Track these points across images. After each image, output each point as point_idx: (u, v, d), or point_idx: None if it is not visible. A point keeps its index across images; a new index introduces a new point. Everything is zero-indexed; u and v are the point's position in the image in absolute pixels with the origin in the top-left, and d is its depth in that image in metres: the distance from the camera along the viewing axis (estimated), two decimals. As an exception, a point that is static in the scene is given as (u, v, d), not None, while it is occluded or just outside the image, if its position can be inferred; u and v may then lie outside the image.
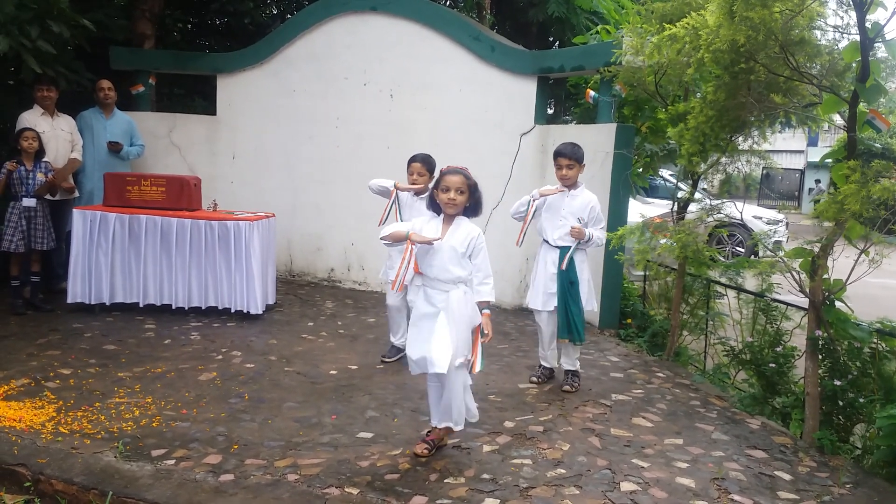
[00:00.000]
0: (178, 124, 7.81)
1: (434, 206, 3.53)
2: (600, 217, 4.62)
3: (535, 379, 4.70)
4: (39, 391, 4.12)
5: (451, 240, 3.41)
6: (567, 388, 4.55)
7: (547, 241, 4.61)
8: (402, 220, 4.87)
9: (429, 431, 3.59)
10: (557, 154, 4.55)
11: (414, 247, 3.44)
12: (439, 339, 3.33)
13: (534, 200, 4.55)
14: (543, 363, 4.75)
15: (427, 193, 4.85)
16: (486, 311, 3.45)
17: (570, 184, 4.55)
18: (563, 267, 4.47)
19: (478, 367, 3.44)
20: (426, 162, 4.84)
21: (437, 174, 4.81)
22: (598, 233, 4.58)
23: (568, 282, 4.49)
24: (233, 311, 5.90)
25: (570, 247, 4.51)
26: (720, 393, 4.70)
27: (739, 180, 6.10)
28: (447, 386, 3.41)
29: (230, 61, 7.77)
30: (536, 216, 4.61)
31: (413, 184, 4.82)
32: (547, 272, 4.57)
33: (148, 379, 4.43)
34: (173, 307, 5.93)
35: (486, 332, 3.42)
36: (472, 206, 3.49)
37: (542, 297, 4.58)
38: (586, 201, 4.55)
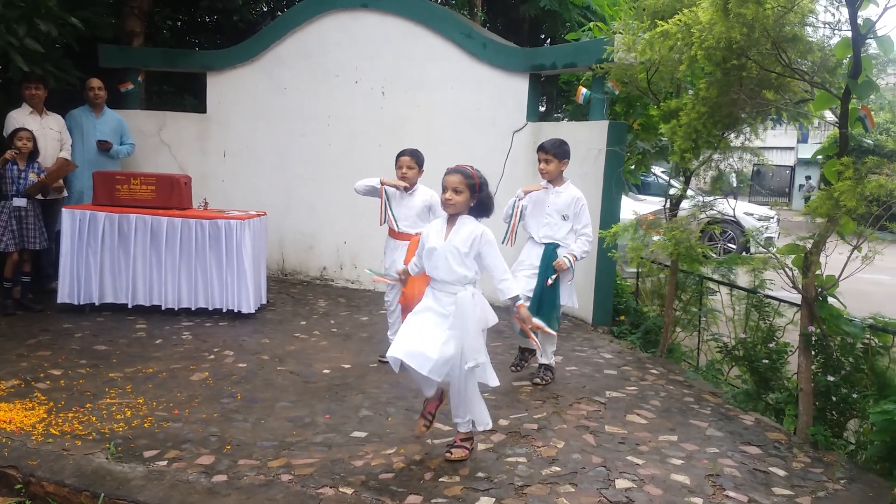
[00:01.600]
0: (168, 122, 7.76)
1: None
2: (583, 214, 4.54)
3: (512, 368, 4.72)
4: (30, 392, 4.08)
5: (454, 240, 3.31)
6: (538, 381, 4.56)
7: (532, 238, 4.62)
8: (393, 216, 4.85)
9: (455, 442, 3.47)
10: (539, 148, 4.59)
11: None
12: (433, 339, 3.25)
13: (518, 201, 4.54)
14: (521, 345, 4.77)
15: (414, 189, 4.86)
16: (520, 302, 3.41)
17: (549, 178, 4.56)
18: (549, 283, 4.46)
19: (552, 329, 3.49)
20: (414, 156, 4.82)
21: (426, 168, 4.87)
22: (580, 244, 4.52)
23: (543, 277, 4.49)
24: (224, 311, 5.86)
25: (554, 244, 4.50)
26: (714, 389, 4.71)
27: (731, 177, 6.11)
28: (462, 392, 3.32)
29: (220, 59, 7.73)
30: (524, 215, 4.59)
31: (403, 178, 4.79)
32: (526, 268, 4.58)
33: (139, 379, 4.40)
34: (163, 308, 5.88)
35: (526, 322, 3.42)
36: (478, 207, 3.37)
37: (521, 283, 4.51)
38: (571, 197, 4.54)
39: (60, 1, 6.16)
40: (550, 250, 4.51)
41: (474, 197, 3.35)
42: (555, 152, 4.51)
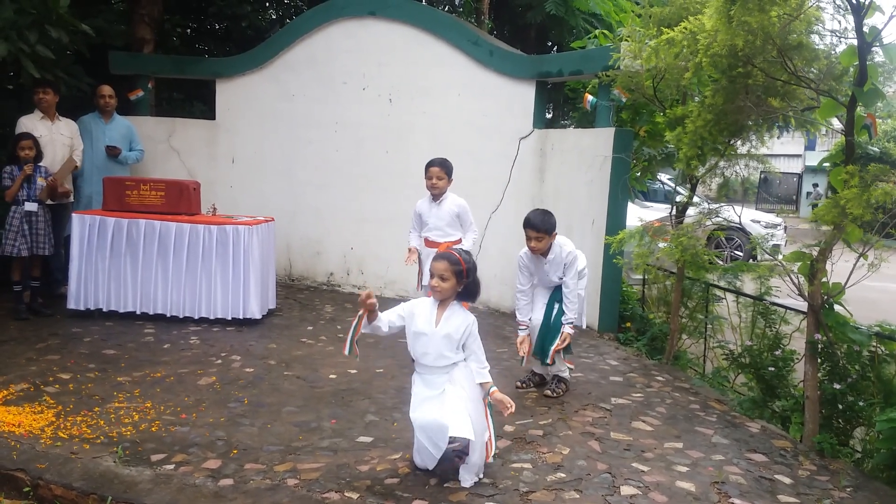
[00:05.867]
0: (178, 129, 7.82)
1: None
2: (572, 266, 4.38)
3: (519, 384, 4.68)
4: (39, 396, 4.11)
5: (447, 327, 3.25)
6: (548, 392, 4.52)
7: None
8: (426, 225, 5.06)
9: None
10: (526, 224, 4.30)
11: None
12: (454, 406, 3.17)
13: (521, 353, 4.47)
14: (534, 368, 4.76)
15: (444, 198, 4.98)
16: (494, 389, 3.24)
17: (540, 253, 4.37)
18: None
19: (492, 449, 3.28)
20: (443, 166, 4.95)
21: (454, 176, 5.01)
22: (572, 307, 4.38)
23: (556, 302, 4.47)
24: (230, 317, 5.87)
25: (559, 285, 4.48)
26: (720, 396, 4.70)
27: (738, 184, 6.11)
28: (470, 454, 3.23)
29: (229, 66, 7.79)
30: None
31: (433, 187, 4.95)
32: (541, 289, 4.59)
33: (147, 384, 4.43)
34: (168, 315, 5.89)
35: (505, 406, 3.17)
36: (465, 292, 3.32)
37: (537, 308, 4.59)
38: (561, 261, 4.38)
39: (72, 8, 6.22)
40: (556, 289, 4.51)
41: (461, 283, 3.28)
42: (545, 229, 4.24)
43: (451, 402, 3.19)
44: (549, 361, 4.45)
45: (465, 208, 5.06)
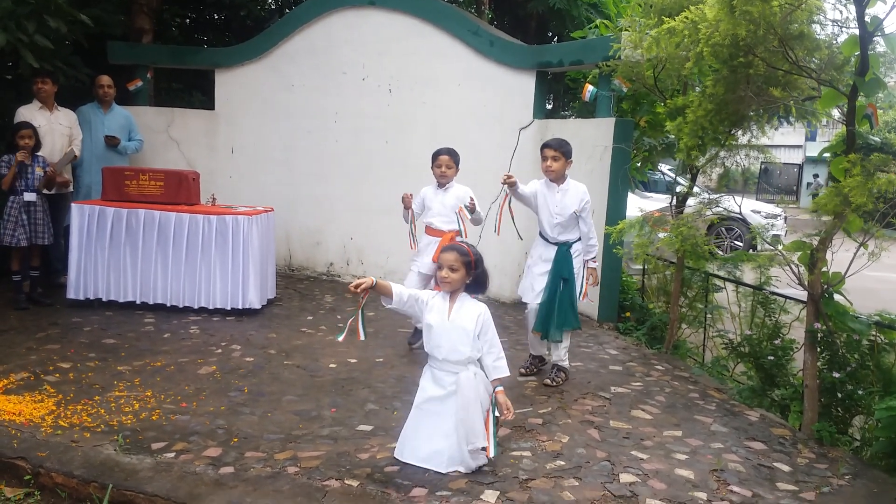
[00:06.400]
0: (177, 119, 7.80)
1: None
2: (589, 217, 4.57)
3: (522, 370, 4.69)
4: (39, 385, 4.12)
5: (459, 319, 3.27)
6: (547, 381, 4.53)
7: (544, 237, 4.62)
8: (430, 211, 5.05)
9: None
10: (544, 146, 4.56)
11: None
12: (438, 432, 3.25)
13: (506, 196, 4.51)
14: (532, 351, 4.77)
15: (449, 186, 4.99)
16: (500, 389, 3.28)
17: (554, 177, 4.53)
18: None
19: (492, 453, 3.25)
20: (452, 155, 4.99)
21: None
22: (591, 251, 4.57)
23: (562, 279, 4.48)
24: (230, 306, 5.87)
25: (568, 242, 4.51)
26: (719, 385, 4.72)
27: (738, 174, 6.10)
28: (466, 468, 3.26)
29: (228, 56, 7.77)
30: (520, 201, 4.55)
31: (442, 176, 4.98)
32: (539, 267, 4.59)
33: (147, 372, 4.44)
34: (167, 305, 5.89)
35: (504, 410, 3.25)
36: (474, 284, 3.35)
37: (532, 293, 4.59)
38: (579, 196, 4.51)
39: (70, -3, 6.21)
40: (564, 251, 4.51)
41: (470, 274, 3.31)
42: (563, 150, 4.49)
43: (453, 433, 3.22)
44: (582, 298, 4.56)
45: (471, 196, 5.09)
